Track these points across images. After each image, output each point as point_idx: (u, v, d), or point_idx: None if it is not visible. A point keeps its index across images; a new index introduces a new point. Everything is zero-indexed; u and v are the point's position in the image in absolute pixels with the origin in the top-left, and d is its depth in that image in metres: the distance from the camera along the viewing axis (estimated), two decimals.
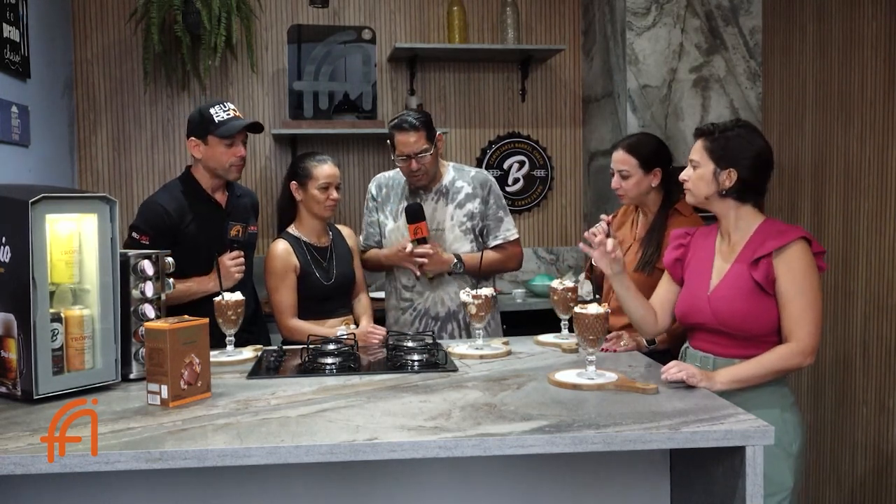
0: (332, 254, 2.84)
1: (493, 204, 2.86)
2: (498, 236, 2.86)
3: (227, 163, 2.67)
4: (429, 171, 2.76)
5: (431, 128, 2.78)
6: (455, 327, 2.82)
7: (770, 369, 1.99)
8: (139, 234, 2.62)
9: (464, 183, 2.85)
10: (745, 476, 1.58)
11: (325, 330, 2.67)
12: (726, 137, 2.08)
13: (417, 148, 2.71)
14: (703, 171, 2.09)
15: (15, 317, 1.80)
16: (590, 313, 1.93)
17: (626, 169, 2.56)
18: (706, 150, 2.09)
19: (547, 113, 4.30)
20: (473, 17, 4.16)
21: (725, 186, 2.06)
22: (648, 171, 2.55)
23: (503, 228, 2.87)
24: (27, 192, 1.83)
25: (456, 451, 1.53)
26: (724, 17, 3.69)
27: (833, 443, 3.16)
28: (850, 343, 3.06)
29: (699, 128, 2.18)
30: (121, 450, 1.48)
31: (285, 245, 2.75)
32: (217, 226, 2.70)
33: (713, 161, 2.07)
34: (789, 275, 2.00)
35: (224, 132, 2.63)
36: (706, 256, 2.17)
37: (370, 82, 3.89)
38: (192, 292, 2.60)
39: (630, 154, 2.56)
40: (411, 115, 2.76)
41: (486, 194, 2.85)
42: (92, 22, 3.90)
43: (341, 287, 2.84)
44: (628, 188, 2.57)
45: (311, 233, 2.82)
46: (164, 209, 2.65)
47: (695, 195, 2.13)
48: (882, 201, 2.89)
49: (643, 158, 2.55)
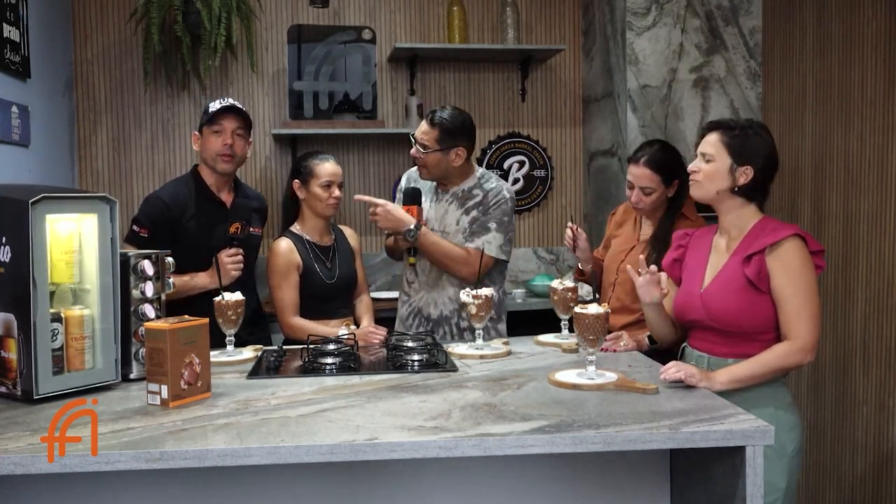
0: (335, 253, 2.84)
1: (491, 213, 2.71)
2: (475, 241, 2.68)
3: (214, 152, 2.71)
4: (427, 166, 2.71)
5: (451, 135, 2.66)
6: (446, 331, 2.76)
7: (770, 368, 1.99)
8: (139, 227, 2.68)
9: (480, 191, 2.75)
10: (745, 476, 1.58)
11: (326, 329, 2.67)
12: (746, 135, 2.06)
13: (420, 138, 2.70)
14: (718, 165, 2.06)
15: (15, 317, 1.80)
16: (590, 313, 1.93)
17: (649, 186, 2.53)
18: (724, 145, 2.06)
19: (547, 113, 4.30)
20: (473, 17, 4.16)
21: (739, 183, 2.05)
22: (669, 184, 2.54)
23: (484, 238, 2.67)
24: (27, 192, 1.82)
25: (456, 451, 1.53)
26: (724, 17, 3.69)
27: (833, 442, 3.16)
28: (849, 343, 3.06)
29: (716, 121, 2.14)
30: (121, 450, 1.48)
31: (288, 243, 2.75)
32: (219, 225, 2.71)
33: (731, 156, 2.05)
34: (784, 273, 1.99)
35: (207, 118, 2.70)
36: (702, 255, 2.17)
37: (370, 82, 3.89)
38: (188, 287, 2.60)
39: (655, 171, 2.52)
40: (443, 111, 2.71)
41: (490, 204, 2.72)
42: (92, 22, 3.90)
43: (343, 287, 2.84)
44: (649, 203, 2.55)
45: (314, 231, 2.82)
46: (163, 202, 2.69)
47: (705, 189, 2.09)
48: (882, 201, 2.89)
49: (665, 173, 2.52)
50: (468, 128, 2.73)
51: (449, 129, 2.67)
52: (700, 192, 2.11)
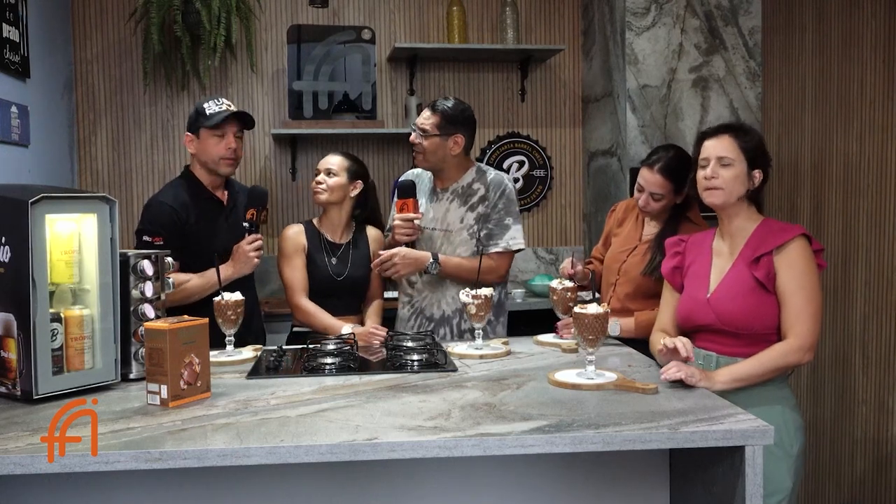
0: (350, 252, 2.84)
1: (502, 209, 2.73)
2: (499, 244, 2.72)
3: (216, 156, 2.68)
4: (426, 155, 2.72)
5: (451, 122, 2.70)
6: (448, 332, 2.76)
7: (769, 367, 1.99)
8: (151, 237, 2.58)
9: (481, 185, 2.76)
10: (744, 476, 1.58)
11: (330, 319, 2.69)
12: (755, 138, 2.08)
13: (421, 123, 2.73)
14: (738, 169, 2.05)
15: (15, 317, 1.80)
16: (589, 313, 1.93)
17: (660, 192, 2.50)
18: (741, 149, 2.05)
19: (546, 113, 4.30)
20: (473, 17, 4.16)
21: (753, 186, 2.06)
22: (680, 191, 2.52)
23: (507, 236, 2.72)
24: (27, 192, 1.83)
25: (456, 451, 1.53)
26: (723, 17, 3.69)
27: (832, 441, 3.16)
28: (849, 342, 3.06)
29: (726, 125, 2.13)
30: (121, 450, 1.48)
31: (298, 227, 2.84)
32: (219, 223, 2.70)
33: (747, 160, 2.05)
34: (789, 272, 2.00)
35: (211, 122, 2.66)
36: (703, 260, 2.17)
37: (370, 82, 3.89)
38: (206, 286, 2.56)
39: (668, 178, 2.49)
40: (447, 100, 2.75)
41: (496, 197, 2.73)
42: (92, 22, 3.90)
43: (350, 287, 2.81)
44: (657, 208, 2.54)
45: (328, 226, 2.86)
46: (170, 207, 2.64)
47: (727, 195, 2.05)
48: (882, 201, 2.89)
49: (678, 182, 2.49)
50: (468, 118, 2.76)
51: (450, 116, 2.71)
52: (722, 199, 2.06)
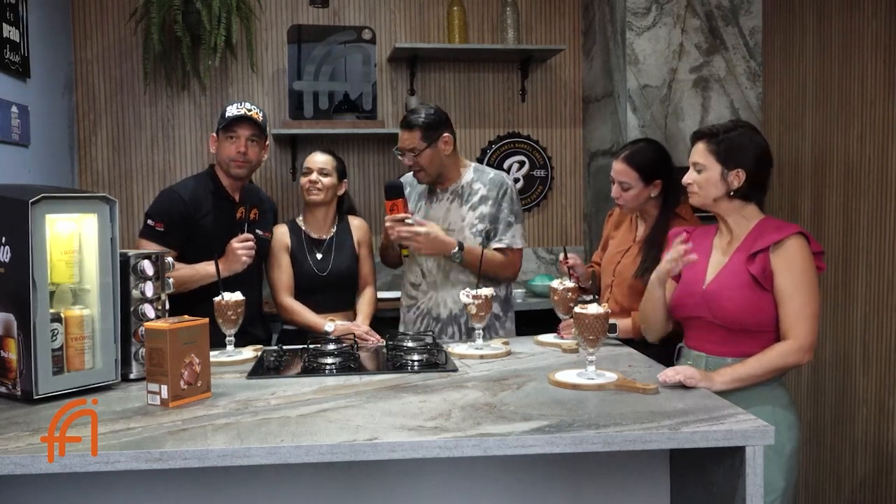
0: (332, 247, 2.87)
1: (506, 208, 2.75)
2: (502, 240, 2.75)
3: (227, 157, 2.74)
4: (426, 169, 2.72)
5: (433, 128, 2.71)
6: (455, 330, 2.77)
7: (769, 367, 2.00)
8: (154, 221, 2.67)
9: (480, 185, 2.77)
10: (744, 476, 1.58)
11: (313, 317, 2.77)
12: (730, 138, 2.08)
13: (409, 145, 2.70)
14: (710, 173, 2.09)
15: (15, 317, 1.80)
16: (590, 313, 1.93)
17: (626, 181, 2.53)
18: (711, 153, 2.09)
19: (547, 113, 4.30)
20: (473, 17, 4.16)
21: (734, 187, 2.08)
22: (649, 182, 2.52)
23: (509, 234, 2.75)
24: (27, 192, 1.83)
25: (456, 451, 1.53)
26: (724, 17, 3.69)
27: (833, 442, 3.16)
28: (850, 342, 3.06)
29: (699, 131, 2.18)
30: (121, 450, 1.48)
31: (283, 228, 2.93)
32: (227, 223, 2.71)
33: (720, 163, 2.08)
34: (787, 272, 2.00)
35: (223, 124, 2.72)
36: (703, 253, 2.17)
37: (370, 82, 3.89)
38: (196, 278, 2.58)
39: (630, 166, 2.52)
40: (415, 112, 2.73)
41: (499, 197, 2.75)
42: (92, 22, 3.90)
43: (335, 282, 2.86)
44: (628, 199, 2.55)
45: (312, 222, 2.94)
46: (179, 196, 2.70)
47: (703, 198, 2.13)
48: (882, 201, 2.89)
49: (644, 171, 2.51)
50: (443, 115, 2.78)
51: (428, 124, 2.71)
52: (698, 201, 2.15)
